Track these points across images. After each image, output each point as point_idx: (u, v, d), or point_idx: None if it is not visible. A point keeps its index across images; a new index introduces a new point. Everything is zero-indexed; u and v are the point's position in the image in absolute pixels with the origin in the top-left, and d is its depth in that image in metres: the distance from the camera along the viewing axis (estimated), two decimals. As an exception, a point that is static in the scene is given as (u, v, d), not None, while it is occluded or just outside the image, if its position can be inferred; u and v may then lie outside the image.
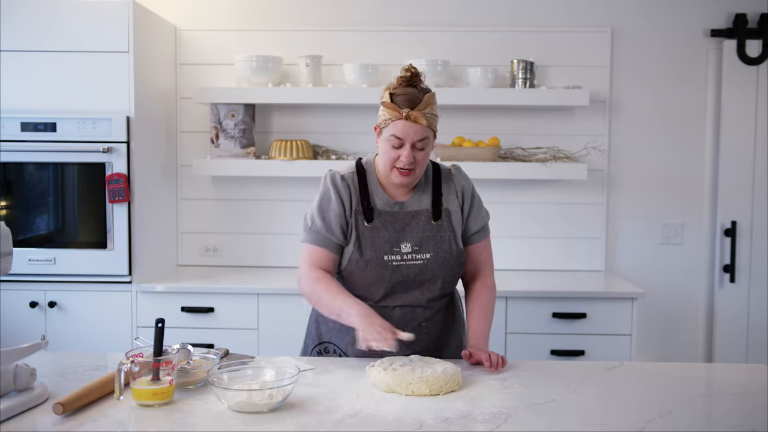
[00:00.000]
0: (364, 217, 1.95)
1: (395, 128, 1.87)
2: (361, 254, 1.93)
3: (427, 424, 1.45)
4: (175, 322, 3.03)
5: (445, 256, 1.96)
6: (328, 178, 2.00)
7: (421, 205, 1.99)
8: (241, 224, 3.60)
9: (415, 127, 1.86)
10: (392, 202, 1.98)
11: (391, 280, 1.93)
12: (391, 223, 1.95)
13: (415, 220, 1.96)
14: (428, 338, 1.99)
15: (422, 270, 1.94)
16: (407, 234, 1.94)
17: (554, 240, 3.56)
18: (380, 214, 1.95)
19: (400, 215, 1.96)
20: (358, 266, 1.93)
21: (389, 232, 1.94)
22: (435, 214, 1.97)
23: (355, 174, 2.00)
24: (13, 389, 1.53)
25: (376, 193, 1.98)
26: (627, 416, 1.53)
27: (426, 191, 2.01)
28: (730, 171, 3.50)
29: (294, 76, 3.50)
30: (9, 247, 1.63)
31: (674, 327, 3.60)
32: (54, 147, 3.01)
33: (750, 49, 3.47)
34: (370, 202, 1.97)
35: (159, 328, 1.60)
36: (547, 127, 3.52)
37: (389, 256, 1.93)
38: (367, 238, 1.93)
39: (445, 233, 1.97)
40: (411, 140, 1.87)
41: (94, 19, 3.02)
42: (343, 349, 2.01)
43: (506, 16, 3.54)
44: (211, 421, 1.48)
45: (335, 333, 2.02)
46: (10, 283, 3.03)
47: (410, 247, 1.94)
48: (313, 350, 2.08)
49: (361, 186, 1.98)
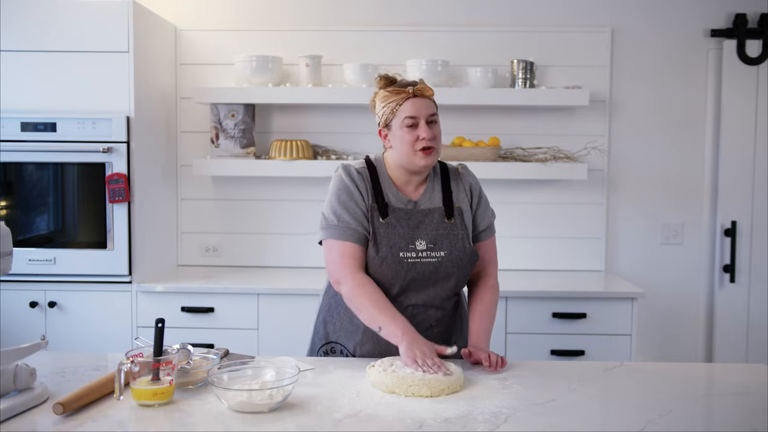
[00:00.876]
0: (379, 213, 1.93)
1: (406, 109, 1.89)
2: (377, 251, 1.90)
3: (427, 425, 1.45)
4: (175, 322, 3.03)
5: (459, 254, 1.95)
6: (341, 172, 1.97)
7: (433, 203, 1.98)
8: (241, 224, 3.60)
9: (424, 101, 1.90)
10: (405, 200, 1.97)
11: (406, 277, 1.91)
12: (405, 220, 1.94)
13: (429, 218, 1.95)
14: (439, 339, 1.98)
15: (437, 268, 1.93)
16: (422, 231, 1.93)
17: (554, 240, 3.56)
18: (394, 210, 1.94)
19: (414, 212, 1.95)
20: (374, 263, 1.90)
21: (404, 229, 1.93)
22: (448, 213, 1.97)
23: (366, 170, 1.98)
24: (13, 389, 1.53)
25: (389, 189, 1.97)
26: (627, 416, 1.53)
27: (436, 189, 2.00)
28: (730, 171, 3.50)
29: (294, 76, 3.50)
30: (9, 247, 1.63)
31: (674, 327, 3.60)
32: (54, 147, 3.01)
33: (750, 49, 3.47)
34: (384, 197, 1.95)
35: (159, 328, 1.60)
36: (547, 127, 3.52)
37: (405, 252, 1.91)
38: (383, 235, 1.91)
39: (458, 231, 1.96)
40: (424, 116, 1.89)
41: (94, 19, 3.02)
42: (350, 349, 2.00)
43: (506, 16, 3.54)
44: (211, 421, 1.48)
45: (343, 333, 2.01)
46: (10, 283, 3.03)
47: (425, 244, 1.93)
48: (320, 350, 2.06)
49: (373, 181, 1.96)
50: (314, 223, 2.12)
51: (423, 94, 1.90)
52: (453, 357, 1.84)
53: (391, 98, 1.91)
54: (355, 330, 1.98)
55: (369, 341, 1.96)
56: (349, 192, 1.94)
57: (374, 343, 1.94)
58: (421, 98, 1.90)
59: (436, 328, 1.98)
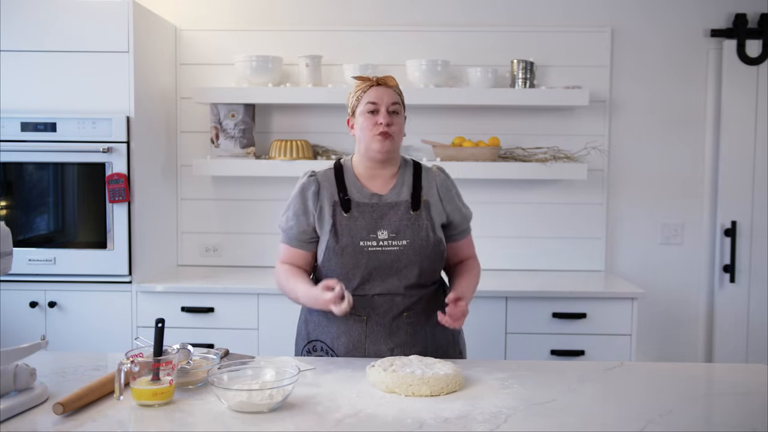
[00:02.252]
0: (342, 208, 2.00)
1: (368, 96, 2.00)
2: (337, 241, 1.98)
3: (427, 424, 1.45)
4: (175, 322, 3.03)
5: (422, 243, 1.99)
6: (302, 180, 2.09)
7: (400, 197, 2.04)
8: (241, 224, 3.60)
9: (386, 90, 2.01)
10: (370, 194, 2.04)
11: (367, 266, 1.97)
12: (369, 212, 2.01)
13: (394, 210, 2.01)
14: (413, 329, 2.01)
15: (398, 256, 1.98)
16: (385, 222, 2.00)
17: (554, 240, 3.56)
18: (358, 205, 2.02)
19: (378, 206, 2.02)
20: (335, 253, 1.98)
21: (366, 221, 2.00)
22: (414, 205, 2.02)
23: (331, 170, 2.08)
24: (13, 389, 1.53)
25: (353, 185, 2.05)
26: (627, 416, 1.53)
27: (405, 184, 2.06)
28: (730, 171, 3.50)
29: (294, 76, 3.50)
30: (9, 247, 1.63)
31: (674, 327, 3.60)
32: (54, 147, 3.01)
33: (750, 49, 3.47)
34: (347, 194, 2.03)
35: (159, 328, 1.60)
36: (547, 127, 3.52)
37: (365, 242, 1.98)
38: (344, 226, 1.99)
39: (423, 222, 2.01)
40: (385, 104, 1.99)
41: (94, 19, 3.02)
42: (329, 344, 2.03)
43: (506, 16, 3.54)
44: (211, 421, 1.48)
45: (321, 329, 2.05)
46: (10, 283, 3.03)
47: (387, 234, 1.99)
48: (303, 349, 2.10)
49: (338, 180, 2.05)
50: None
51: (386, 83, 2.02)
52: (444, 356, 1.85)
53: (358, 87, 2.04)
54: (329, 324, 2.03)
55: (343, 335, 2.01)
56: (302, 200, 2.05)
57: (348, 336, 2.00)
58: (384, 87, 2.01)
59: (408, 319, 2.01)
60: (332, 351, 2.02)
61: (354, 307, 1.90)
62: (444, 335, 2.07)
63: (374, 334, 1.99)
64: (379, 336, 1.99)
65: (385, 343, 1.98)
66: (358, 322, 1.99)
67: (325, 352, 2.04)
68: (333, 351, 2.02)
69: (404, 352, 1.97)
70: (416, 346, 2.00)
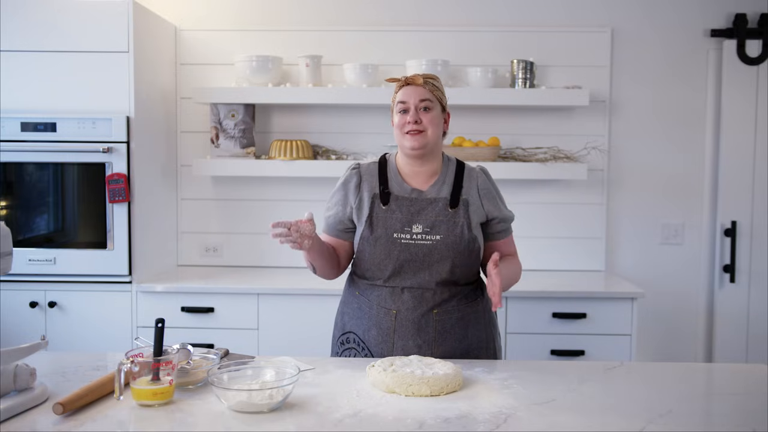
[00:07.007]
0: (381, 200, 2.04)
1: (399, 96, 2.04)
2: (372, 231, 2.01)
3: (427, 425, 1.45)
4: (175, 322, 3.03)
5: (455, 239, 2.00)
6: (347, 171, 2.13)
7: (440, 194, 2.06)
8: (241, 224, 3.60)
9: (416, 89, 2.03)
10: (410, 189, 2.06)
11: (399, 258, 1.99)
12: (407, 206, 2.03)
13: (432, 206, 2.03)
14: (442, 327, 2.00)
15: (431, 250, 1.99)
16: (421, 217, 2.02)
17: (554, 240, 3.56)
18: (397, 198, 2.04)
19: (417, 201, 2.04)
20: (368, 243, 2.01)
21: (403, 214, 2.02)
22: (453, 202, 2.04)
23: (375, 164, 2.12)
24: (13, 389, 1.53)
25: (395, 179, 2.08)
26: (627, 416, 1.53)
27: (447, 182, 2.07)
28: (730, 171, 3.50)
29: (294, 76, 3.50)
30: (9, 247, 1.63)
31: (674, 327, 3.60)
32: (54, 147, 3.01)
33: (750, 49, 3.47)
34: (388, 187, 2.05)
35: (159, 328, 1.60)
36: (547, 127, 3.52)
37: (399, 234, 2.00)
38: (380, 218, 2.02)
39: (459, 219, 2.02)
40: (414, 102, 2.01)
41: (94, 19, 3.02)
42: (361, 336, 2.05)
43: (506, 16, 3.54)
44: (211, 421, 1.48)
45: (354, 321, 2.08)
46: (10, 283, 3.03)
47: (422, 228, 2.01)
48: (338, 340, 2.13)
49: (380, 173, 2.09)
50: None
51: (414, 82, 2.04)
52: (476, 357, 1.86)
53: (394, 90, 2.09)
54: (362, 317, 2.05)
55: (373, 327, 2.02)
56: (344, 192, 2.10)
57: (378, 329, 2.01)
58: (413, 86, 2.03)
59: (438, 316, 2.00)
60: (363, 343, 2.04)
61: (384, 300, 1.99)
62: (477, 337, 2.05)
63: (403, 328, 1.99)
64: (407, 331, 1.99)
65: (412, 338, 1.98)
66: (387, 316, 2.00)
67: (357, 344, 2.06)
68: (364, 343, 2.04)
69: (431, 350, 1.97)
70: (444, 346, 1.99)
